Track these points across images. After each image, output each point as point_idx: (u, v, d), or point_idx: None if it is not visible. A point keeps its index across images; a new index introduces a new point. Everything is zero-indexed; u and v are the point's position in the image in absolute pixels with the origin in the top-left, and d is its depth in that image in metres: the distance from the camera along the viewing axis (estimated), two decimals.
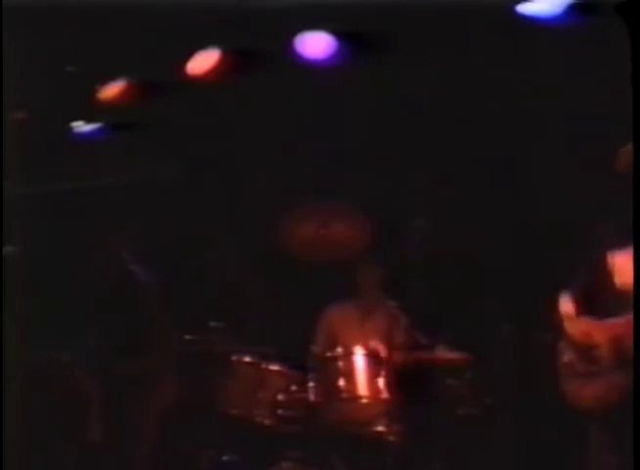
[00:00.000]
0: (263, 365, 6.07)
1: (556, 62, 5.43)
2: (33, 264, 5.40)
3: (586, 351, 4.11)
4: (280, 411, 5.97)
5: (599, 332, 4.12)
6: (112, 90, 6.14)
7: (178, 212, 6.84)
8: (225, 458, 5.96)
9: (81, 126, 6.44)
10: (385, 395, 5.93)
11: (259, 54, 5.75)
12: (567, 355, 4.19)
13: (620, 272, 4.13)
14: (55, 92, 6.02)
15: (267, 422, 5.94)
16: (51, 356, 5.93)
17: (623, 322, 4.04)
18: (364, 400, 5.92)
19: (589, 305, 4.23)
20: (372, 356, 6.03)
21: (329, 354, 6.05)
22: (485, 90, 5.93)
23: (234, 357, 6.07)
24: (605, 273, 4.17)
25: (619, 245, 4.15)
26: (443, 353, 5.92)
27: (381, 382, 5.94)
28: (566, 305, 4.31)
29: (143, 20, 5.48)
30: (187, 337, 6.10)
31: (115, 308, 5.98)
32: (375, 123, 6.50)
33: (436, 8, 5.06)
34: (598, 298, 4.24)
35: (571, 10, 4.63)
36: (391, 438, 5.83)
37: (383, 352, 6.10)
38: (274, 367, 6.07)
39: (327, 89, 6.11)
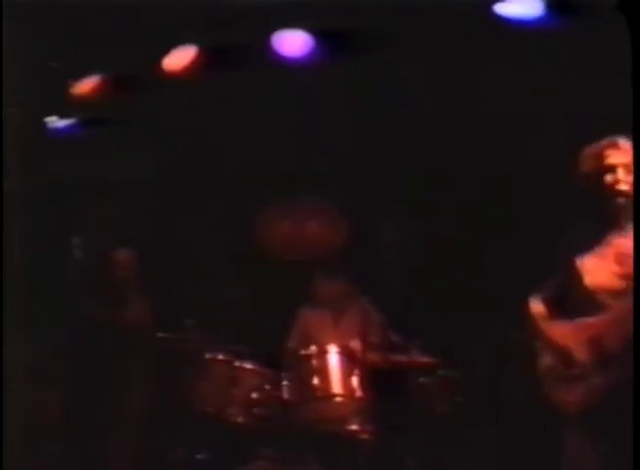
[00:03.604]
0: (237, 363, 6.04)
1: (540, 62, 5.45)
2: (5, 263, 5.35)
3: (565, 353, 4.12)
4: (254, 410, 5.94)
5: (574, 333, 4.15)
6: (86, 85, 6.09)
7: (154, 210, 6.80)
8: (199, 457, 5.93)
9: (56, 122, 6.39)
10: (359, 393, 5.92)
11: (236, 51, 5.73)
12: (546, 358, 4.19)
13: (590, 274, 4.16)
14: (31, 87, 5.96)
15: (241, 420, 5.91)
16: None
17: (598, 322, 4.07)
18: (338, 399, 5.91)
19: (560, 308, 4.25)
20: (346, 355, 6.03)
21: (303, 353, 6.04)
22: (467, 88, 5.95)
23: (208, 356, 6.03)
24: (574, 276, 4.20)
25: (588, 248, 4.19)
26: (416, 357, 5.93)
27: (355, 380, 5.94)
28: (537, 306, 4.32)
29: (119, 14, 5.44)
30: (161, 335, 6.08)
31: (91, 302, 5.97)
32: (352, 122, 6.51)
33: (416, 6, 5.07)
34: (568, 300, 4.26)
35: (550, 12, 4.65)
36: (365, 436, 5.82)
37: (357, 350, 6.12)
38: (248, 365, 6.04)
39: (304, 87, 6.11)
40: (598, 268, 4.13)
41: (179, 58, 5.81)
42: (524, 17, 4.69)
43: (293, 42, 5.60)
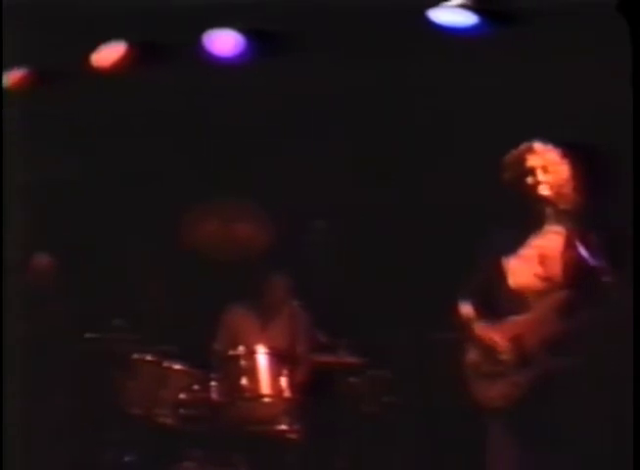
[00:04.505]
0: (165, 364, 6.02)
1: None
2: None
3: (490, 351, 4.24)
4: (182, 410, 5.93)
5: (499, 332, 4.26)
6: (11, 78, 5.96)
7: (80, 210, 6.71)
8: (127, 459, 5.89)
9: None
10: (287, 393, 5.96)
11: (167, 49, 5.69)
12: (471, 355, 4.32)
13: (513, 275, 4.28)
14: None
15: (169, 421, 5.90)
16: None
17: (520, 321, 4.20)
18: (266, 399, 5.94)
19: (487, 308, 4.36)
20: (274, 355, 6.05)
21: (231, 353, 6.06)
22: (394, 90, 5.99)
23: (135, 356, 6.00)
24: (499, 276, 4.31)
25: (512, 250, 4.31)
26: (344, 358, 5.98)
27: (283, 381, 5.97)
28: (466, 308, 4.43)
29: (49, 8, 5.35)
30: (89, 335, 6.01)
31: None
32: (280, 122, 6.51)
33: (346, 7, 5.10)
34: (494, 300, 4.37)
35: (483, 20, 4.72)
36: (294, 436, 5.87)
37: (285, 350, 6.14)
38: (176, 366, 6.03)
39: (234, 87, 6.09)
40: (521, 270, 4.27)
41: (108, 54, 5.73)
42: (457, 24, 4.75)
43: (224, 42, 5.58)
